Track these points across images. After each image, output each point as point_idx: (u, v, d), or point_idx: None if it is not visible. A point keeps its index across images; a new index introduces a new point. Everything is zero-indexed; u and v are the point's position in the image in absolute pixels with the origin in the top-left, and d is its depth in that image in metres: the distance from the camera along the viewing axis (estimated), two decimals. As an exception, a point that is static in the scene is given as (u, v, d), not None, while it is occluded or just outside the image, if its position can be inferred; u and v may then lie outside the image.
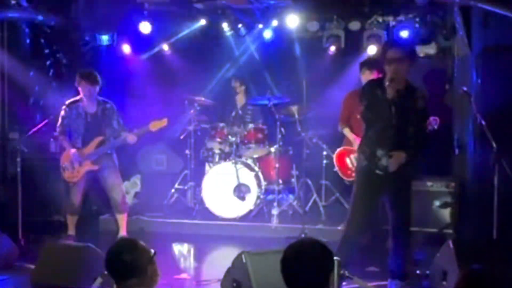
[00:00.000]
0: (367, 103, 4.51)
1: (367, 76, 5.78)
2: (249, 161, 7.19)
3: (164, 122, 6.09)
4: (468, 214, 6.14)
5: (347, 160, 6.13)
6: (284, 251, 2.53)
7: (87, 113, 6.10)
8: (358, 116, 5.92)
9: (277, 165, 7.06)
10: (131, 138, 6.05)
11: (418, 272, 5.00)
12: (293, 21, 7.47)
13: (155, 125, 6.06)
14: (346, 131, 6.12)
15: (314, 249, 2.51)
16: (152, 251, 2.82)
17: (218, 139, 7.29)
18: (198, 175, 7.37)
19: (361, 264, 5.38)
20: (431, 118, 5.63)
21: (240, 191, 6.88)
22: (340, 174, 6.26)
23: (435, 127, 5.80)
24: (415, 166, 4.62)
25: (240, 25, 7.79)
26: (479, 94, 5.93)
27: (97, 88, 6.07)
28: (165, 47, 8.10)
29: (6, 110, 6.91)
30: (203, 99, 7.48)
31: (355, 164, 5.99)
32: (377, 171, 4.47)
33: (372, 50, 7.34)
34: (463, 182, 6.43)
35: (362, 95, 4.59)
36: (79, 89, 6.05)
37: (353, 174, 6.03)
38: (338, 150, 6.26)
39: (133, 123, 6.40)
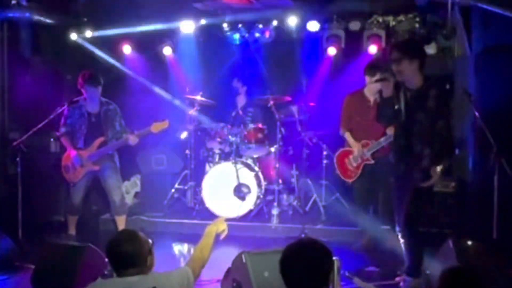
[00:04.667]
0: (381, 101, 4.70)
1: (369, 81, 5.80)
2: (249, 161, 7.19)
3: (165, 124, 6.09)
4: (468, 214, 6.14)
5: (346, 161, 6.11)
6: (283, 252, 2.52)
7: (90, 113, 6.10)
8: (358, 119, 5.95)
9: (277, 165, 7.06)
10: (132, 139, 6.05)
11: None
12: (293, 21, 7.47)
13: (156, 127, 6.06)
14: (347, 136, 6.06)
15: (313, 249, 2.50)
16: (150, 241, 2.90)
17: (218, 139, 7.28)
18: (198, 175, 7.38)
19: (361, 264, 5.39)
20: None
21: (240, 191, 6.88)
22: (341, 176, 6.25)
23: None
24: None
25: (240, 25, 7.80)
26: (479, 94, 5.93)
27: (100, 89, 6.07)
28: (165, 47, 8.10)
29: (6, 110, 6.90)
30: (203, 99, 7.48)
31: (354, 165, 6.02)
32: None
33: (372, 50, 7.35)
34: (463, 182, 6.43)
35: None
36: (83, 91, 6.05)
37: (353, 175, 6.05)
38: (339, 151, 6.25)
39: (133, 123, 6.40)
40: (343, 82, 7.60)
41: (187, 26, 7.73)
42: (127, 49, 7.97)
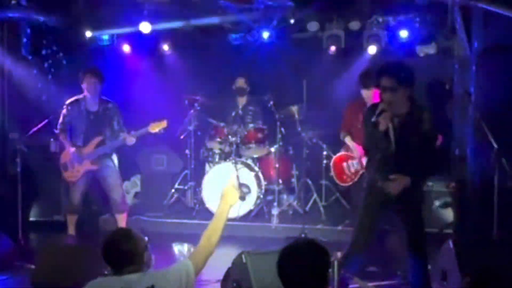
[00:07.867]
0: (366, 132, 4.38)
1: (365, 93, 5.74)
2: (249, 161, 7.19)
3: (163, 123, 6.05)
4: (468, 214, 6.14)
5: (344, 165, 6.09)
6: (280, 253, 2.50)
7: (89, 111, 6.09)
8: (359, 126, 5.93)
9: (277, 165, 7.06)
10: (129, 139, 6.03)
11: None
12: (293, 21, 7.47)
13: (154, 127, 6.02)
14: (347, 139, 6.01)
15: (309, 249, 2.48)
16: (146, 238, 2.92)
17: (218, 139, 7.28)
18: (198, 175, 7.38)
19: (361, 264, 5.38)
20: None
21: (240, 191, 6.87)
22: (335, 179, 6.25)
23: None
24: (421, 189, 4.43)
25: (240, 25, 7.79)
26: (479, 94, 5.93)
27: (101, 84, 6.06)
28: (165, 47, 8.09)
29: (6, 110, 6.90)
30: (203, 99, 7.47)
31: (351, 170, 6.00)
32: (380, 194, 4.36)
33: (372, 50, 7.34)
34: (463, 182, 6.42)
35: (363, 121, 4.43)
36: (84, 86, 6.04)
37: (348, 180, 6.05)
38: (336, 156, 6.24)
39: (133, 123, 6.39)
40: (343, 82, 7.60)
41: (187, 26, 7.73)
42: (126, 48, 7.96)
